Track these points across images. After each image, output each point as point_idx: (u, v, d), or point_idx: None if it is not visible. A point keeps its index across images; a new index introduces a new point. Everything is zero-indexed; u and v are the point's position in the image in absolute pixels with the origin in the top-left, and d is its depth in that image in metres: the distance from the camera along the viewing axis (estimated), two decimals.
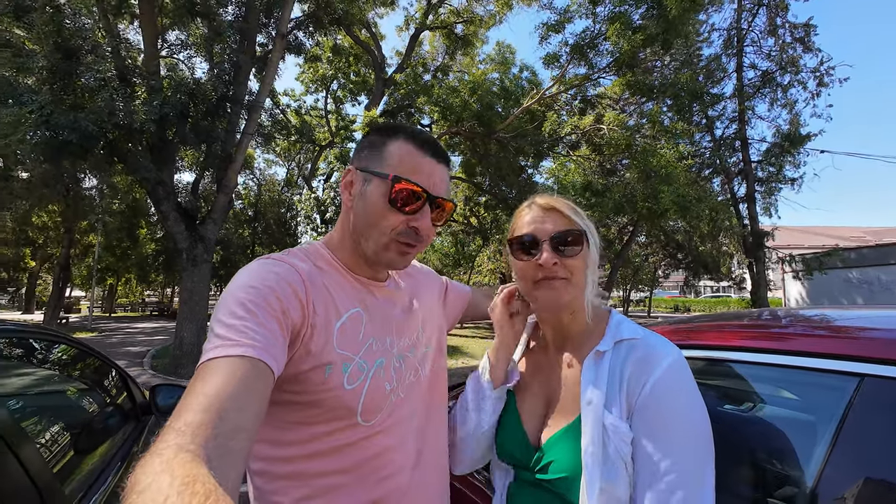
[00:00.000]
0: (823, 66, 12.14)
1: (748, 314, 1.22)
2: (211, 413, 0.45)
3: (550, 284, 0.73)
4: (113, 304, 30.97)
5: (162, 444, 0.40)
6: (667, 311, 37.84)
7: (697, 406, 0.63)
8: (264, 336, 0.56)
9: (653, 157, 9.64)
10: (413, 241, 0.72)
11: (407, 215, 0.71)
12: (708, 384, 0.95)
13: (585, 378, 0.69)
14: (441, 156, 0.75)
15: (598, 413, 0.65)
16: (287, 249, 0.75)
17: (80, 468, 1.28)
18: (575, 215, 0.74)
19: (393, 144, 0.73)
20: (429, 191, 0.71)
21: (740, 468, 0.80)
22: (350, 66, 16.71)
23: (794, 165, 12.89)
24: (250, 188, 24.39)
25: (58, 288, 16.45)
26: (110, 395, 1.77)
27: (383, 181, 0.70)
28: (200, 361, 0.54)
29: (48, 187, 12.39)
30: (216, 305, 0.61)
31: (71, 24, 6.94)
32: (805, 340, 0.78)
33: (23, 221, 14.92)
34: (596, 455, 0.63)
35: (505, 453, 0.79)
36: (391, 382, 0.73)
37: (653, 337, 0.69)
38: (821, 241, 25.34)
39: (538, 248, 0.73)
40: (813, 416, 0.74)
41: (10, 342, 1.37)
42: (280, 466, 0.66)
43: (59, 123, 6.18)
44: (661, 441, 0.61)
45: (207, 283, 8.72)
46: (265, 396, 0.53)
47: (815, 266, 13.30)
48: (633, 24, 9.69)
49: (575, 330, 0.78)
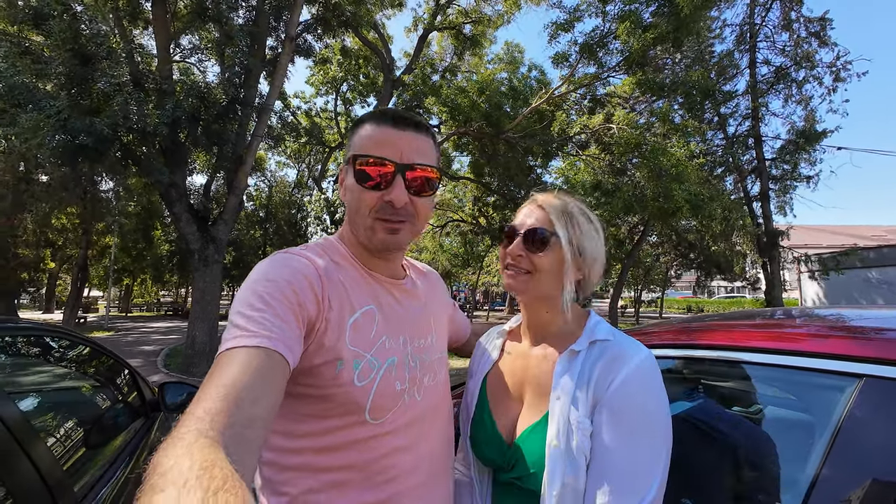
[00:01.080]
0: (840, 61, 11.85)
1: (751, 313, 1.20)
2: (228, 401, 0.46)
3: (512, 273, 0.79)
4: (129, 304, 31.68)
5: (183, 428, 0.42)
6: (679, 311, 37.25)
7: (660, 407, 0.65)
8: (281, 328, 0.58)
9: (663, 155, 9.51)
10: (391, 215, 0.71)
11: (379, 190, 0.70)
12: (706, 384, 0.94)
13: (557, 375, 0.71)
14: (407, 123, 0.72)
15: (565, 409, 0.67)
16: (304, 244, 0.76)
17: (91, 463, 1.31)
18: (558, 217, 0.76)
19: (360, 130, 0.74)
20: (395, 160, 0.69)
21: (740, 469, 0.79)
22: (359, 68, 16.84)
23: (809, 163, 12.62)
24: (261, 190, 24.72)
25: (76, 288, 16.87)
26: (121, 393, 1.81)
27: (350, 165, 0.72)
28: (219, 351, 0.55)
29: (67, 190, 12.73)
30: (235, 297, 0.63)
31: (87, 31, 7.13)
32: (805, 340, 0.77)
33: (43, 223, 15.34)
34: (559, 450, 0.65)
35: (480, 454, 0.80)
36: (403, 382, 0.73)
37: (625, 339, 0.72)
38: (839, 240, 24.73)
39: (514, 238, 0.79)
40: (811, 417, 0.73)
41: (24, 341, 1.41)
42: (290, 458, 0.67)
43: (76, 128, 6.34)
44: (617, 435, 0.63)
45: (219, 284, 8.86)
46: (281, 387, 0.55)
47: (832, 266, 12.99)
48: (643, 22, 9.58)
49: (553, 329, 0.80)
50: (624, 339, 0.72)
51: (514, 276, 0.79)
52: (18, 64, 6.59)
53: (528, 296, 0.80)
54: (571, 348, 0.72)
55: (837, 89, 12.12)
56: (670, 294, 42.25)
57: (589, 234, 0.77)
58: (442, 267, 23.16)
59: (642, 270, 23.13)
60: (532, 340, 0.83)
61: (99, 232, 19.11)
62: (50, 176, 12.85)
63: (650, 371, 0.66)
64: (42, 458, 1.00)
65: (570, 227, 0.76)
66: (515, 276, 0.78)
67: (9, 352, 1.30)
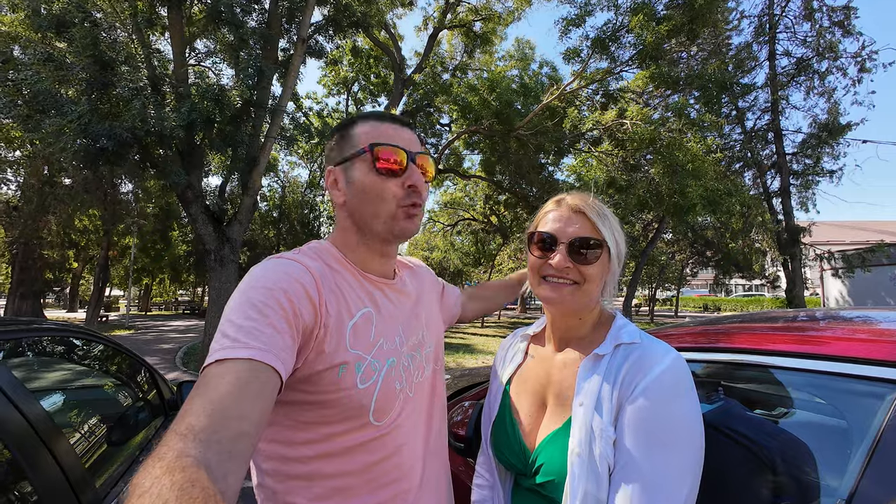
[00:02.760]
0: (865, 51, 11.43)
1: (777, 315, 1.16)
2: (214, 418, 0.45)
3: (557, 286, 0.73)
4: (148, 303, 32.49)
5: (164, 448, 0.41)
6: (695, 310, 36.54)
7: (689, 414, 0.61)
8: (273, 338, 0.56)
9: (679, 151, 9.31)
10: (416, 199, 0.74)
11: (399, 176, 0.72)
12: (733, 388, 0.90)
13: (580, 380, 0.69)
14: (402, 122, 0.77)
15: (588, 416, 0.64)
16: (297, 248, 0.75)
17: (113, 460, 1.34)
18: (601, 222, 0.73)
19: (357, 127, 0.75)
20: (406, 148, 0.73)
21: (768, 476, 0.75)
22: (370, 69, 16.92)
23: (832, 157, 12.22)
24: (275, 190, 25.04)
25: (98, 288, 17.37)
26: (141, 391, 1.85)
27: (363, 156, 0.72)
28: (206, 362, 0.54)
29: (88, 192, 13.11)
30: (227, 304, 0.61)
31: (107, 38, 7.31)
32: (841, 344, 0.73)
33: (66, 225, 15.84)
34: (582, 458, 0.62)
35: (502, 458, 0.79)
36: (401, 381, 0.73)
37: (653, 341, 0.68)
38: (864, 235, 23.89)
39: (555, 248, 0.73)
40: (848, 426, 0.69)
41: (50, 341, 1.45)
42: (292, 467, 0.66)
43: (97, 132, 6.51)
44: (642, 443, 0.59)
45: (234, 283, 9.00)
46: (271, 401, 0.53)
47: (857, 263, 12.55)
48: (657, 14, 9.37)
49: (579, 332, 0.77)
50: (651, 342, 0.68)
51: (559, 287, 0.73)
52: (42, 71, 6.80)
53: (579, 312, 0.75)
54: (595, 352, 0.70)
55: (863, 80, 11.70)
56: (686, 292, 41.46)
57: (621, 234, 0.75)
58: (453, 266, 23.15)
59: (657, 268, 22.74)
60: (557, 345, 0.80)
61: (119, 233, 19.66)
62: (72, 179, 13.25)
63: (679, 375, 0.63)
64: (65, 455, 1.02)
65: (613, 233, 0.73)
66: (560, 287, 0.73)
67: (35, 352, 1.33)
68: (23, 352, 1.26)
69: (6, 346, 1.14)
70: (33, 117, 6.79)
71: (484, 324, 20.25)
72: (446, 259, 22.67)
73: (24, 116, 6.98)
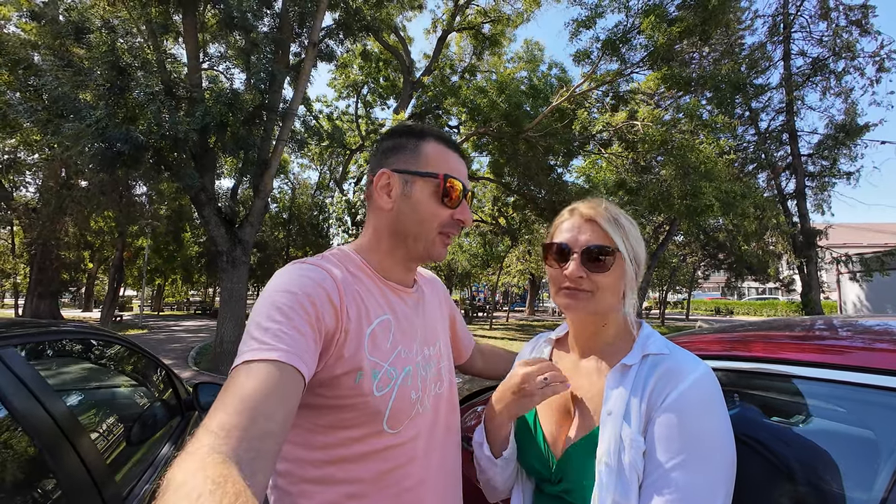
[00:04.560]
0: (884, 50, 11.21)
1: (797, 322, 1.13)
2: (243, 416, 0.47)
3: (574, 295, 0.74)
4: (161, 303, 33.03)
5: (196, 443, 0.42)
6: (707, 313, 35.97)
7: (721, 425, 0.61)
8: (297, 341, 0.58)
9: (691, 152, 9.20)
10: (457, 231, 0.79)
11: (453, 209, 0.77)
12: (753, 397, 0.89)
13: (608, 389, 0.68)
14: (462, 154, 0.83)
15: (617, 425, 0.64)
16: (321, 254, 0.77)
17: (133, 457, 1.37)
18: (613, 229, 0.72)
19: (427, 146, 0.78)
20: (466, 185, 0.79)
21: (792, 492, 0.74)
22: (380, 71, 17.04)
23: (849, 158, 11.98)
24: (285, 192, 25.35)
25: (112, 288, 17.69)
26: (158, 391, 1.88)
27: (430, 180, 0.76)
28: (235, 363, 0.56)
29: (104, 194, 13.38)
30: (254, 307, 0.64)
31: (123, 44, 7.48)
32: (865, 354, 0.72)
33: (82, 226, 16.19)
34: (610, 467, 0.62)
35: (526, 465, 0.78)
36: (417, 391, 0.74)
37: (682, 353, 0.68)
38: (883, 238, 23.33)
39: (569, 257, 0.74)
40: (877, 439, 0.67)
41: (70, 342, 1.48)
42: (306, 469, 0.67)
43: (114, 136, 6.66)
44: (672, 455, 0.59)
45: (245, 284, 9.12)
46: (295, 402, 0.55)
47: (875, 266, 12.27)
48: (668, 15, 9.29)
49: (603, 340, 0.77)
50: (680, 353, 0.68)
51: (575, 296, 0.74)
52: (61, 76, 6.97)
53: (598, 320, 0.76)
54: (623, 362, 0.70)
55: (881, 80, 11.47)
56: (697, 295, 40.86)
57: (638, 239, 0.75)
58: (462, 267, 23.13)
59: (668, 271, 22.45)
60: (581, 352, 0.80)
61: (133, 234, 20.02)
62: (89, 182, 13.55)
63: (709, 387, 0.63)
64: (88, 451, 1.04)
65: (627, 239, 0.73)
66: (576, 296, 0.74)
67: (57, 353, 1.37)
68: (45, 352, 1.29)
69: (29, 347, 1.17)
70: (53, 122, 6.97)
71: (492, 326, 20.18)
72: (454, 261, 22.66)
73: (45, 121, 7.17)
